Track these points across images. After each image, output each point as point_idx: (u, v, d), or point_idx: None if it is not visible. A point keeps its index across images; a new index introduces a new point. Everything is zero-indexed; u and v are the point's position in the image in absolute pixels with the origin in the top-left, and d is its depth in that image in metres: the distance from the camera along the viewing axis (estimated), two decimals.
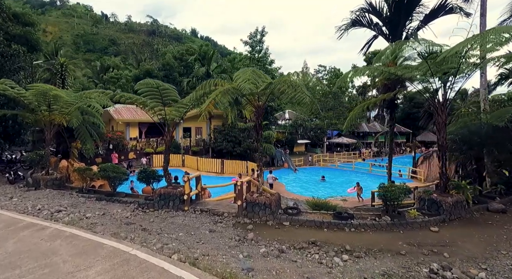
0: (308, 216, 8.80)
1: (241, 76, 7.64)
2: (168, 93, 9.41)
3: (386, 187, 8.35)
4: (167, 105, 9.64)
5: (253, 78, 7.40)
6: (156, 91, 9.17)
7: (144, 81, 8.78)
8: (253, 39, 34.05)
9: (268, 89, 7.98)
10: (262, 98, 8.63)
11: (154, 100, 9.45)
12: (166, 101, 9.46)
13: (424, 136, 56.06)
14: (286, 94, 7.93)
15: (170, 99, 9.56)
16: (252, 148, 27.32)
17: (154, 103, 9.55)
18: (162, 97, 9.29)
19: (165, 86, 9.02)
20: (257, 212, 8.70)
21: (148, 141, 27.13)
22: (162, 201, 9.71)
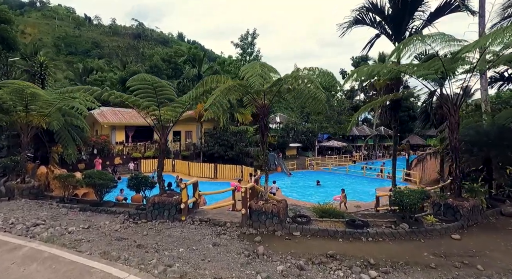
0: (318, 224, 8.09)
1: (249, 71, 6.88)
2: (163, 91, 8.52)
3: (402, 191, 7.76)
4: (162, 104, 8.75)
5: (264, 73, 6.65)
6: (150, 88, 8.28)
7: (137, 77, 7.86)
8: (244, 42, 33.52)
9: (276, 86, 7.26)
10: (268, 97, 7.91)
11: (148, 98, 8.54)
12: (161, 99, 8.57)
13: (410, 139, 57.19)
14: (296, 91, 7.27)
15: (166, 97, 8.67)
16: (244, 152, 26.54)
17: (147, 102, 8.63)
18: (157, 96, 8.39)
19: (162, 83, 8.13)
20: (263, 221, 7.91)
21: (136, 146, 25.81)
22: (156, 210, 8.75)
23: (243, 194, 8.14)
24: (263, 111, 8.21)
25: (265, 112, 8.22)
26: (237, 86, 6.83)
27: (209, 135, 26.49)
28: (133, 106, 8.72)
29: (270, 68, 6.72)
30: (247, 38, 33.55)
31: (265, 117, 8.23)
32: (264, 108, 8.20)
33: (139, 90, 8.50)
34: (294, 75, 6.60)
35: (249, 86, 6.96)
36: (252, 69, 6.74)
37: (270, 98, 8.02)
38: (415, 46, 7.34)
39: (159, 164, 9.34)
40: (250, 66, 6.74)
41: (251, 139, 27.89)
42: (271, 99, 8.08)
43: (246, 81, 7.09)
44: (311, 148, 40.51)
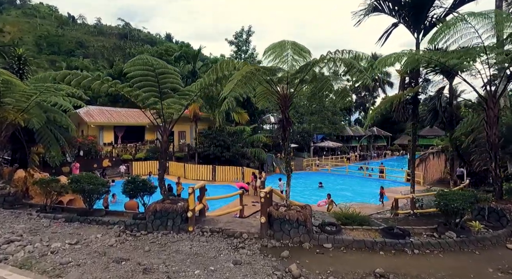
0: (350, 233, 7.01)
1: (276, 51, 5.67)
2: (167, 79, 7.24)
3: (446, 194, 6.77)
4: (165, 95, 7.47)
5: (297, 53, 5.50)
6: (151, 75, 6.99)
7: (137, 59, 6.53)
8: (239, 39, 32.32)
9: (304, 71, 6.13)
10: (292, 85, 6.78)
11: (148, 87, 7.24)
12: (164, 89, 7.29)
13: (402, 140, 57.46)
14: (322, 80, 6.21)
15: (170, 87, 7.39)
16: (241, 153, 25.30)
17: (147, 94, 7.34)
18: (160, 84, 7.10)
19: (168, 68, 6.80)
20: (287, 231, 6.75)
21: (126, 147, 24.12)
22: (158, 220, 7.43)
23: (263, 200, 6.96)
24: (284, 103, 7.07)
25: (286, 104, 7.08)
26: (262, 71, 5.67)
27: (204, 136, 25.07)
28: (130, 97, 7.39)
29: (302, 48, 5.59)
30: (241, 35, 32.37)
31: (286, 110, 7.08)
32: (286, 99, 7.06)
33: (138, 77, 7.18)
34: (329, 57, 5.48)
35: (275, 70, 5.82)
36: (280, 49, 5.58)
37: (294, 87, 6.89)
38: (462, 27, 6.36)
39: (160, 165, 8.04)
40: (278, 45, 5.60)
41: (248, 139, 26.67)
42: (295, 88, 6.95)
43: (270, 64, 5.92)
44: (307, 148, 39.65)
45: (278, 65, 5.87)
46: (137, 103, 7.63)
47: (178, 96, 7.60)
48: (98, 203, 8.97)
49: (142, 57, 6.17)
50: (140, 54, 6.19)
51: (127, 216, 8.39)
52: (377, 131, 52.68)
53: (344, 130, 47.01)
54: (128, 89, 7.25)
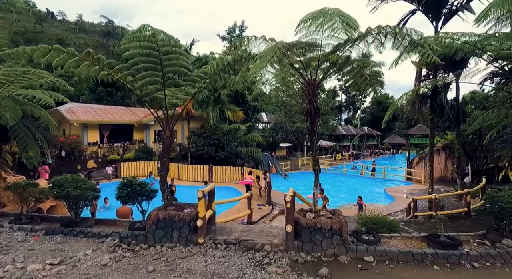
0: (389, 242, 6.03)
1: (320, 19, 4.52)
2: (173, 61, 6.03)
3: (500, 196, 5.91)
4: (169, 81, 6.26)
5: (345, 22, 4.41)
6: (154, 54, 5.76)
7: (137, 32, 5.26)
8: (231, 34, 31.11)
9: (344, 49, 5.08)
10: (322, 68, 5.74)
11: (149, 71, 6.01)
12: (168, 73, 6.09)
13: (391, 139, 58.03)
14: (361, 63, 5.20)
15: (175, 71, 6.19)
16: (235, 153, 24.11)
17: (148, 79, 6.11)
18: (163, 67, 5.88)
19: (176, 45, 5.53)
20: (318, 242, 5.69)
21: (112, 147, 22.41)
22: (161, 230, 6.21)
23: (288, 205, 5.87)
24: (312, 90, 6.01)
25: (314, 91, 6.03)
26: (299, 45, 4.59)
27: (197, 135, 23.70)
28: (126, 84, 6.12)
29: (350, 18, 4.50)
30: (234, 31, 31.20)
31: (314, 98, 6.03)
32: (313, 85, 6.01)
33: (137, 57, 5.93)
34: (379, 31, 4.45)
35: (315, 46, 4.74)
36: (324, 18, 4.44)
37: (324, 71, 5.85)
38: None
39: (162, 166, 6.80)
40: (320, 13, 4.48)
41: (243, 138, 25.51)
42: (325, 72, 5.90)
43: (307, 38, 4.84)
44: (300, 148, 38.91)
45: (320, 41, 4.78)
46: (134, 91, 6.37)
47: (184, 83, 6.38)
48: (86, 210, 7.61)
49: (144, 28, 4.95)
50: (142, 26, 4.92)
51: (121, 226, 7.10)
52: (368, 130, 52.83)
53: (336, 129, 46.71)
54: (125, 72, 5.98)
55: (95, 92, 32.51)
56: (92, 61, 5.30)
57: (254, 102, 27.86)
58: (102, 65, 5.46)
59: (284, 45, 4.53)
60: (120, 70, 5.80)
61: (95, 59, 5.25)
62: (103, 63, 5.43)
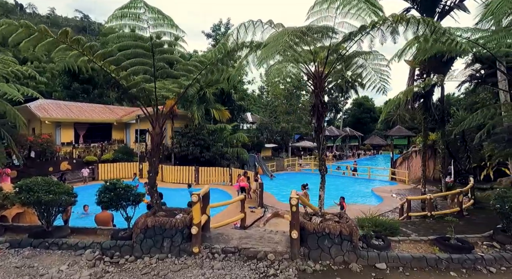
0: (399, 247, 5.68)
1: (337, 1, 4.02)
2: (166, 49, 5.35)
3: (508, 196, 5.72)
4: (161, 71, 5.58)
5: (370, 2, 3.95)
6: (145, 38, 5.06)
7: (125, 8, 4.50)
8: (216, 32, 30.33)
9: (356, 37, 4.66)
10: (331, 60, 5.29)
11: (139, 59, 5.29)
12: (159, 62, 5.40)
13: (371, 140, 59.45)
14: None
15: (168, 59, 5.50)
16: (221, 154, 23.41)
17: (136, 68, 5.39)
18: (154, 54, 5.18)
19: (171, 25, 4.84)
20: (326, 248, 5.23)
21: (89, 147, 20.95)
22: (150, 239, 5.50)
23: (294, 208, 5.36)
24: (319, 83, 5.56)
25: (321, 85, 5.58)
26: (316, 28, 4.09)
27: (181, 134, 22.75)
28: (109, 73, 5.37)
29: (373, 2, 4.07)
30: (220, 28, 30.44)
31: (321, 92, 5.58)
32: (320, 78, 5.55)
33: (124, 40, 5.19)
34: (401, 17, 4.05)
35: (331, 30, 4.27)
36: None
37: (332, 63, 5.41)
38: None
39: (151, 167, 6.07)
40: None
41: (229, 138, 24.84)
42: (331, 66, 5.46)
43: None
44: (285, 148, 38.75)
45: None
46: (119, 82, 5.61)
47: (178, 73, 5.71)
48: (59, 218, 6.68)
49: (135, 3, 4.22)
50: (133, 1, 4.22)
51: (102, 235, 6.28)
52: (350, 131, 53.74)
53: None
54: (110, 59, 5.23)
55: (69, 88, 30.48)
56: (70, 43, 4.51)
57: (240, 102, 27.27)
58: (82, 49, 4.68)
59: (299, 28, 4.03)
60: (103, 56, 5.03)
61: (73, 41, 4.47)
62: (84, 47, 4.66)
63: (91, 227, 6.71)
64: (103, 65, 5.14)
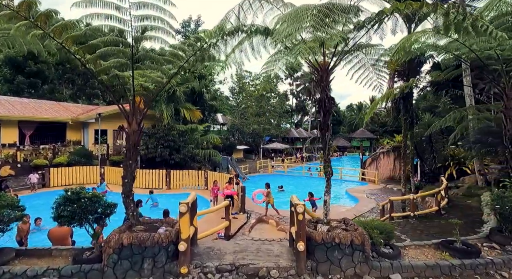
0: (407, 254, 5.31)
1: None
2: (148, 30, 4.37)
3: (508, 196, 5.67)
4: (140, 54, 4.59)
5: None
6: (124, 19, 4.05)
7: None
8: (186, 28, 28.92)
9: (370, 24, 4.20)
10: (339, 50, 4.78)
11: (113, 37, 4.26)
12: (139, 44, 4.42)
13: (337, 141, 61.73)
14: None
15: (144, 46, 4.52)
16: (191, 156, 22.13)
17: (108, 49, 4.36)
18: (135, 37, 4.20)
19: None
20: (336, 260, 4.66)
21: (38, 149, 18.34)
22: (127, 261, 4.47)
23: (300, 217, 4.70)
24: (325, 76, 5.01)
25: (327, 78, 5.03)
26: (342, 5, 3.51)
27: (148, 135, 21.01)
28: (76, 57, 4.26)
29: None
30: (189, 25, 29.08)
31: (327, 86, 5.03)
32: (327, 70, 5.01)
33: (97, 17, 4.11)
34: None
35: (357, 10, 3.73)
36: None
37: (340, 54, 4.90)
38: None
39: (126, 171, 5.01)
40: None
41: (200, 140, 23.62)
42: (339, 56, 4.95)
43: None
44: (256, 150, 38.30)
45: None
46: (86, 68, 4.51)
47: (162, 59, 4.76)
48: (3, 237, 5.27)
49: None
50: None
51: (60, 257, 5.05)
52: (317, 133, 55.17)
53: (290, 132, 47.49)
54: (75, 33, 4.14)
55: (12, 82, 26.71)
56: (33, 21, 3.38)
57: (212, 101, 26.16)
58: (46, 26, 3.56)
59: (324, 4, 3.41)
60: (72, 38, 3.94)
61: (39, 17, 3.35)
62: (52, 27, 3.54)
63: (44, 248, 5.38)
64: (64, 42, 4.02)
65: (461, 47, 7.69)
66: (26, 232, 6.67)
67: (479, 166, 12.73)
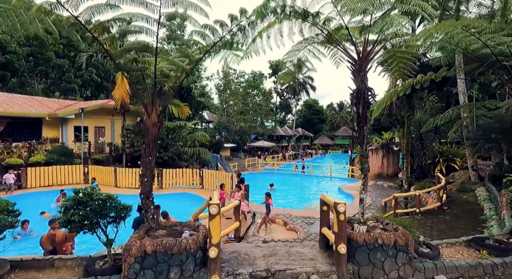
0: (442, 252, 5.11)
1: None
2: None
3: None
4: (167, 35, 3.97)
5: None
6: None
7: None
8: (171, 22, 27.69)
9: None
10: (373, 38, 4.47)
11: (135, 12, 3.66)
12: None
13: (320, 140, 62.69)
14: None
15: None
16: (178, 154, 21.24)
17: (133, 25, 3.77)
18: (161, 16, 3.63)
19: None
20: (379, 263, 4.35)
21: (10, 147, 16.71)
22: (151, 270, 3.90)
23: (342, 217, 4.33)
24: (363, 65, 4.67)
25: (365, 66, 4.71)
26: None
27: (134, 132, 19.85)
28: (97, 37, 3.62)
29: None
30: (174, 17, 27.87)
31: (364, 77, 4.70)
32: (366, 59, 4.68)
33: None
34: None
35: None
36: None
37: (378, 42, 4.59)
38: None
39: (145, 168, 4.39)
40: None
41: (189, 137, 22.74)
42: (376, 44, 4.65)
43: None
44: (243, 148, 37.78)
45: None
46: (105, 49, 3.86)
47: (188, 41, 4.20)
48: None
49: None
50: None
51: (64, 268, 4.35)
52: (302, 132, 55.58)
53: (276, 130, 47.38)
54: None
55: None
56: None
57: (200, 98, 25.30)
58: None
59: None
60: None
61: None
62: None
63: (43, 258, 4.63)
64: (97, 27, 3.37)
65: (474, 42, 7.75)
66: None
67: (472, 162, 13.09)
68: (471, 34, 7.31)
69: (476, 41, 7.59)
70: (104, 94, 35.65)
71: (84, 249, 6.31)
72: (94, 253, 4.90)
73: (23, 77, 30.44)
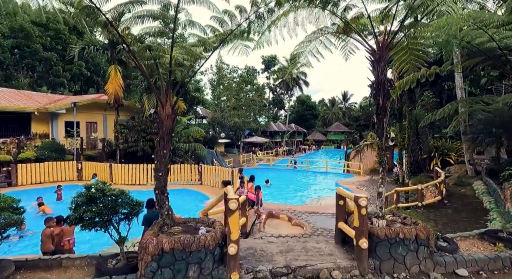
0: (460, 245, 5.10)
1: None
2: None
3: None
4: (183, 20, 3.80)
5: None
6: None
7: None
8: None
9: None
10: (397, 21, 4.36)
11: None
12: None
13: (313, 135, 63.02)
14: None
15: None
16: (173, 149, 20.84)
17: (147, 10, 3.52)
18: None
19: None
20: (400, 258, 4.29)
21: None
22: (168, 269, 3.72)
23: (363, 211, 4.23)
24: (384, 56, 4.55)
25: (385, 56, 4.59)
26: None
27: (128, 128, 19.31)
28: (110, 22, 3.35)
29: None
30: (168, 9, 27.15)
31: (385, 67, 4.58)
32: (386, 49, 4.55)
33: None
34: None
35: None
36: None
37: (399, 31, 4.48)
38: None
39: (160, 163, 4.16)
40: None
41: (184, 133, 22.35)
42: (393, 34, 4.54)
43: None
44: (237, 144, 37.55)
45: None
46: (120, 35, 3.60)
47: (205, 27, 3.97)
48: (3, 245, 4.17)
49: None
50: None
51: (73, 268, 4.11)
52: (295, 127, 55.67)
53: (269, 126, 47.27)
54: None
55: None
56: None
57: (195, 93, 24.84)
58: None
59: None
60: None
61: None
62: None
63: (50, 257, 4.37)
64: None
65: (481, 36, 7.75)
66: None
67: (469, 156, 13.30)
68: (480, 27, 7.31)
69: (482, 35, 7.59)
70: (94, 88, 34.67)
71: (84, 249, 6.05)
72: (100, 250, 4.68)
73: (8, 70, 29.24)
